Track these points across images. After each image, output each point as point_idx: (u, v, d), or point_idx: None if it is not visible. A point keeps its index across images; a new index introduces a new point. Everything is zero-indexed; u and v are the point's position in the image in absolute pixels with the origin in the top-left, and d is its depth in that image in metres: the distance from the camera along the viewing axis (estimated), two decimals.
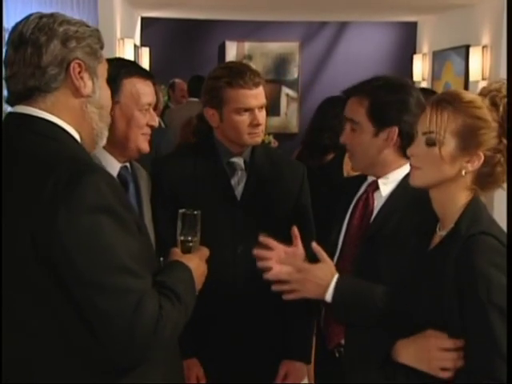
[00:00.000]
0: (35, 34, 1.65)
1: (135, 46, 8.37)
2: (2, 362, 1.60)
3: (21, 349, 1.60)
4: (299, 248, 2.12)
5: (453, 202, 1.82)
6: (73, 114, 1.69)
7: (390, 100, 2.22)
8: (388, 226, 2.21)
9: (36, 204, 1.53)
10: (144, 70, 2.32)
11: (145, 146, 2.24)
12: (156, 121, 2.25)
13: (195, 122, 2.69)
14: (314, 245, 2.08)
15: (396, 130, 2.22)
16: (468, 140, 1.77)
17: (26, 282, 1.56)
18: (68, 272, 1.53)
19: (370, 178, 2.33)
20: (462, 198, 1.81)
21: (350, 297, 2.06)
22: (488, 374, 1.67)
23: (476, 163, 1.78)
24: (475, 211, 1.79)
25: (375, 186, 2.30)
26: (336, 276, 2.05)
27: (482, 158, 1.77)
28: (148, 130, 2.23)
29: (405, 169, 2.26)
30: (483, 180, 1.80)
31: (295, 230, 2.14)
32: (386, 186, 2.28)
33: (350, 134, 2.27)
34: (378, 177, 2.29)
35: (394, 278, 2.12)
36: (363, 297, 2.06)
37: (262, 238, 2.09)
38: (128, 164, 2.28)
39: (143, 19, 9.50)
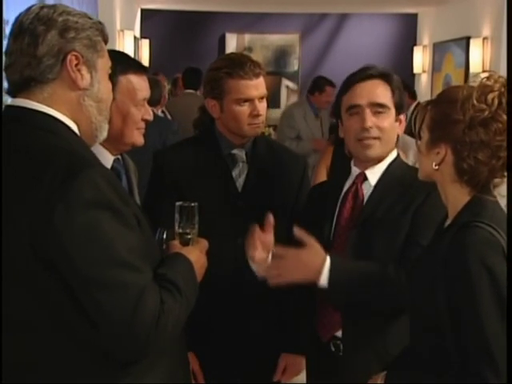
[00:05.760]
0: (34, 23, 1.64)
1: (135, 37, 8.37)
2: (1, 361, 1.59)
3: (23, 346, 1.59)
4: (268, 235, 2.17)
5: (448, 194, 1.83)
6: (70, 106, 1.67)
7: (400, 87, 2.33)
8: (379, 211, 2.24)
9: (33, 200, 1.51)
10: (139, 63, 2.29)
11: (140, 140, 2.22)
12: (151, 115, 2.24)
13: (197, 113, 2.67)
14: (296, 229, 2.08)
15: (405, 115, 2.33)
16: (436, 133, 1.80)
17: (26, 280, 1.55)
18: (67, 269, 1.52)
19: (355, 172, 2.34)
20: (459, 191, 1.81)
21: (347, 278, 2.08)
22: (475, 374, 1.65)
23: (440, 155, 1.80)
24: (477, 205, 1.78)
25: (363, 178, 2.32)
26: (328, 258, 2.07)
27: (445, 150, 1.79)
28: (143, 125, 2.21)
29: (389, 157, 2.32)
30: (463, 175, 1.80)
31: (270, 218, 2.18)
32: (374, 175, 2.31)
33: (375, 118, 2.26)
34: (366, 168, 2.31)
35: (385, 259, 2.16)
36: (361, 276, 2.09)
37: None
38: (119, 156, 2.28)
39: (143, 11, 9.49)
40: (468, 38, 7.36)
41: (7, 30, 1.93)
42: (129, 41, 7.78)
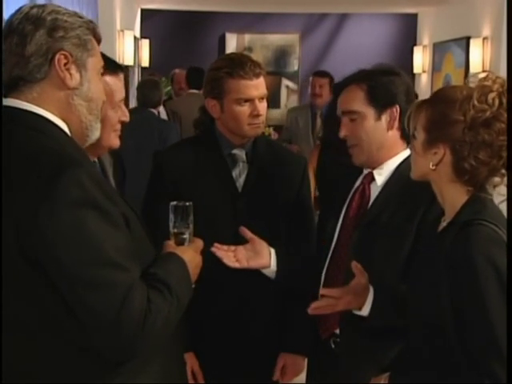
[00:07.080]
0: (22, 23, 1.63)
1: (135, 37, 8.36)
2: (1, 361, 1.59)
3: (16, 346, 1.59)
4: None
5: (446, 194, 1.84)
6: (59, 105, 1.67)
7: (386, 81, 2.25)
8: (383, 214, 2.23)
9: (20, 200, 1.51)
10: (115, 63, 2.25)
11: (115, 143, 2.19)
12: (127, 116, 2.20)
13: (198, 113, 2.67)
14: (354, 263, 2.10)
15: (397, 108, 2.24)
16: (433, 133, 1.80)
17: (15, 281, 1.55)
18: (54, 268, 1.52)
19: (365, 171, 2.34)
20: (457, 191, 1.81)
21: (385, 307, 2.12)
22: (486, 374, 1.65)
23: (438, 155, 1.80)
24: (476, 203, 1.78)
25: (371, 178, 2.32)
26: (372, 290, 2.10)
27: (443, 150, 1.79)
28: (119, 126, 2.19)
29: (399, 157, 2.29)
30: (463, 175, 1.80)
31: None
32: (381, 176, 2.29)
33: (350, 126, 2.26)
34: (374, 168, 2.30)
35: (385, 264, 2.16)
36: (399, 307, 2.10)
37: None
38: (96, 159, 2.26)
39: (143, 11, 9.48)
40: (468, 38, 7.35)
41: None
42: (129, 41, 7.78)
